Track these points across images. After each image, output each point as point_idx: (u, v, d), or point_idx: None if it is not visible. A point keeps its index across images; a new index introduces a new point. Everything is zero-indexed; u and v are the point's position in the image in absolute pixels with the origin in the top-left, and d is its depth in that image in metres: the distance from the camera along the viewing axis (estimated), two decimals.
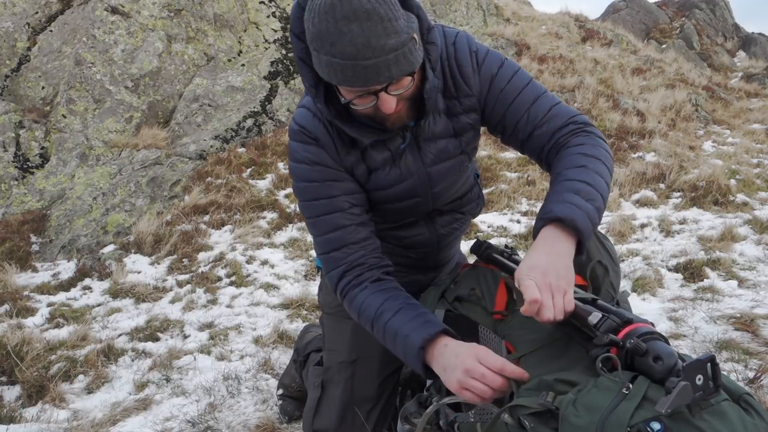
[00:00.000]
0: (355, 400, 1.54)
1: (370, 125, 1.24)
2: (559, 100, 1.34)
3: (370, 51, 1.02)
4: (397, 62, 1.06)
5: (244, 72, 7.07)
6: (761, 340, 2.41)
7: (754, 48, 16.17)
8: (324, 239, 1.31)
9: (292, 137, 1.34)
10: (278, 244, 4.43)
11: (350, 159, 1.32)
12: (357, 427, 1.53)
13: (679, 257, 3.61)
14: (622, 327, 0.93)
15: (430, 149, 1.34)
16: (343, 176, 1.32)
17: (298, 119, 1.34)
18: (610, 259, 1.45)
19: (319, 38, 1.06)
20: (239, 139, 6.19)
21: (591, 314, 0.98)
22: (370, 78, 1.06)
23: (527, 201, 5.32)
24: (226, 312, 3.31)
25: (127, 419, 2.17)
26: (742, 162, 5.92)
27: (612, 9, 16.85)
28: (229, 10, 7.57)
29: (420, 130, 1.29)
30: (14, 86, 6.30)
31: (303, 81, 1.21)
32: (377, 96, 1.12)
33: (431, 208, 1.47)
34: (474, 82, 1.30)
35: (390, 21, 1.03)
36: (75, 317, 3.29)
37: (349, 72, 1.05)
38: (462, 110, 1.33)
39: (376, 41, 1.02)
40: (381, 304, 1.22)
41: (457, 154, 1.39)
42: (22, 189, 5.27)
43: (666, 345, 0.88)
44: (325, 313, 1.73)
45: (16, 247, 4.45)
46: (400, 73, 1.08)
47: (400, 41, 1.04)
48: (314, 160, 1.30)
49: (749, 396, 0.89)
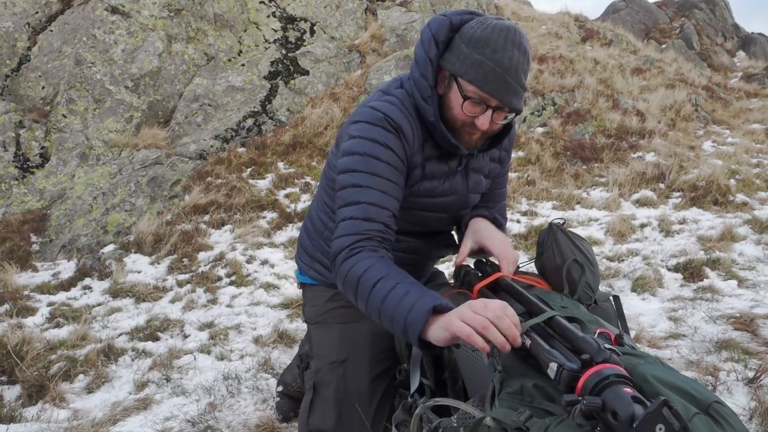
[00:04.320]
0: (349, 396, 1.55)
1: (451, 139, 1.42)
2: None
3: (515, 76, 1.29)
4: (519, 99, 1.33)
5: (244, 72, 7.07)
6: (761, 339, 2.42)
7: (753, 48, 16.18)
8: (361, 207, 1.35)
9: (371, 121, 1.41)
10: (278, 243, 4.44)
11: (416, 159, 1.45)
12: (354, 424, 1.53)
13: (679, 257, 3.61)
14: (582, 373, 0.88)
15: (472, 178, 1.57)
16: (403, 170, 1.42)
17: (382, 108, 1.42)
18: (585, 258, 1.46)
19: (483, 42, 1.29)
20: (239, 139, 6.20)
21: (549, 365, 0.94)
22: (502, 92, 1.29)
23: (527, 201, 5.32)
24: (226, 312, 3.31)
25: (127, 419, 2.17)
26: (741, 162, 5.93)
27: (612, 9, 16.85)
28: (229, 10, 7.57)
29: (472, 160, 1.54)
30: (14, 86, 6.30)
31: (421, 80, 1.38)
32: (485, 110, 1.33)
33: (444, 228, 1.64)
34: (507, 146, 1.64)
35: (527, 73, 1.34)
36: (75, 317, 3.29)
37: (492, 76, 1.28)
38: (497, 158, 1.62)
39: (521, 74, 1.31)
40: (391, 271, 1.26)
41: (483, 190, 1.63)
42: (23, 189, 5.27)
43: (621, 393, 0.81)
44: (311, 325, 1.75)
45: (16, 246, 4.46)
46: (515, 107, 1.33)
47: (524, 87, 1.33)
48: (388, 144, 1.39)
49: (718, 404, 0.87)
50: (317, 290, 1.75)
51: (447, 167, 1.49)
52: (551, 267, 1.48)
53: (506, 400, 0.99)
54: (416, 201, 1.49)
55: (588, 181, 5.75)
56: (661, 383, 0.91)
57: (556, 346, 0.99)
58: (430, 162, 1.47)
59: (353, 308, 1.63)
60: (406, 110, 1.42)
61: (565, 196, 5.33)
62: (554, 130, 6.83)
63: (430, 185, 1.48)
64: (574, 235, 1.52)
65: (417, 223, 1.56)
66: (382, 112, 1.40)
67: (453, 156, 1.49)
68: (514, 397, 0.99)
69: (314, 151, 6.03)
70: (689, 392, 0.89)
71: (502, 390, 1.03)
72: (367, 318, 1.59)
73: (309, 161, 5.86)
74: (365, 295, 1.26)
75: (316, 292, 1.75)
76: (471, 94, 1.31)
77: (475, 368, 1.31)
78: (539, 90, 7.70)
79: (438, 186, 1.50)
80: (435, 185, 1.49)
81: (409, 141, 1.41)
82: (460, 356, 1.38)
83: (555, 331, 1.03)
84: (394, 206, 1.39)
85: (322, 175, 1.69)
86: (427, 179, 1.47)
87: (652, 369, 0.96)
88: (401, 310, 1.17)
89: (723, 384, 2.02)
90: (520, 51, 1.29)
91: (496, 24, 1.30)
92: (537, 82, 7.96)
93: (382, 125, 1.39)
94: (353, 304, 1.59)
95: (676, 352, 2.37)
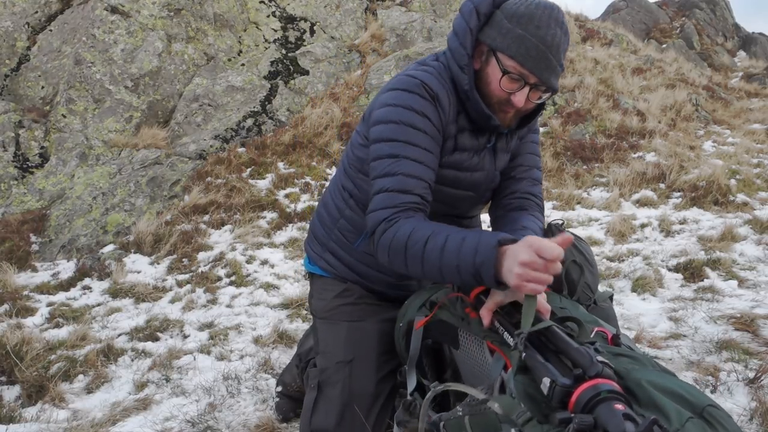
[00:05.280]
0: (353, 398, 1.54)
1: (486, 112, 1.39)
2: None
3: (556, 54, 1.30)
4: (557, 78, 1.33)
5: (244, 72, 7.07)
6: (761, 340, 2.41)
7: (754, 48, 16.17)
8: (397, 179, 1.33)
9: (407, 88, 1.39)
10: (278, 243, 4.43)
11: (450, 130, 1.43)
12: (356, 425, 1.53)
13: (679, 257, 3.61)
14: (574, 388, 0.88)
15: (500, 159, 1.55)
16: (439, 139, 1.41)
17: (420, 76, 1.41)
18: (584, 259, 1.46)
19: (527, 18, 1.28)
20: (239, 139, 6.19)
21: (542, 380, 0.94)
22: (542, 69, 1.29)
23: None
24: (225, 312, 3.31)
25: (127, 419, 2.17)
26: (742, 162, 5.92)
27: (612, 9, 16.84)
28: (229, 10, 7.57)
29: (501, 140, 1.52)
30: (14, 86, 6.30)
31: (459, 49, 1.37)
32: (523, 87, 1.32)
33: (466, 210, 1.60)
34: (533, 135, 1.61)
35: (566, 53, 1.34)
36: (75, 317, 3.29)
37: (534, 52, 1.27)
38: (516, 146, 1.59)
39: (561, 53, 1.31)
40: (436, 227, 1.26)
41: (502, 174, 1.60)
42: (22, 189, 5.27)
43: (613, 410, 0.81)
44: (318, 318, 1.72)
45: (15, 246, 4.45)
46: (552, 86, 1.33)
47: (563, 68, 1.33)
48: (424, 112, 1.37)
49: (712, 407, 0.87)
50: (326, 282, 1.71)
51: (477, 142, 1.47)
52: None
53: (522, 383, 0.98)
54: (444, 174, 1.46)
55: (588, 181, 5.75)
56: (655, 388, 0.91)
57: (551, 358, 0.99)
58: (462, 134, 1.45)
59: (362, 306, 1.64)
60: (443, 80, 1.41)
61: (566, 196, 5.32)
62: (554, 130, 6.82)
63: (460, 157, 1.46)
64: (573, 235, 1.52)
65: (442, 201, 1.49)
66: (420, 79, 1.39)
67: (483, 131, 1.47)
68: (531, 382, 0.98)
69: (314, 151, 6.02)
70: (683, 396, 0.89)
71: (518, 374, 1.01)
72: (375, 317, 1.60)
73: (309, 161, 5.86)
74: (419, 256, 1.24)
75: (326, 284, 1.71)
76: (510, 69, 1.30)
77: (475, 367, 1.30)
78: None
79: (467, 159, 1.47)
80: (464, 158, 1.47)
81: (445, 110, 1.40)
82: (461, 356, 1.37)
83: (551, 341, 1.02)
84: (431, 177, 1.37)
85: (343, 156, 1.67)
86: (459, 151, 1.46)
87: (647, 374, 0.95)
88: (465, 256, 1.16)
89: (723, 384, 2.01)
90: (563, 30, 1.30)
91: (540, 1, 1.31)
92: None
93: (419, 92, 1.38)
94: (361, 302, 1.61)
95: (676, 353, 2.37)
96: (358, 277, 1.66)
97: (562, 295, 1.40)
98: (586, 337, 1.10)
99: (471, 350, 1.31)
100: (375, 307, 1.65)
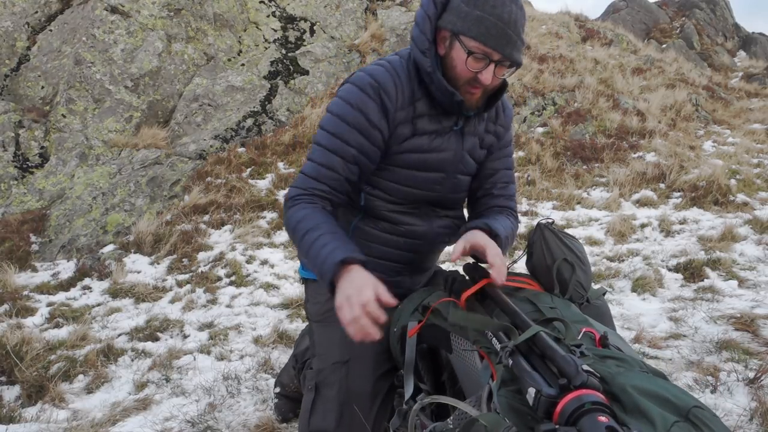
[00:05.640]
0: (351, 397, 1.54)
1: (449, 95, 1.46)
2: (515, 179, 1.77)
3: (514, 28, 1.35)
4: (519, 52, 1.38)
5: (244, 72, 7.07)
6: (761, 340, 2.41)
7: (754, 48, 16.17)
8: (314, 166, 1.48)
9: (355, 82, 1.49)
10: (278, 243, 4.43)
11: (401, 114, 1.49)
12: (355, 425, 1.53)
13: (680, 257, 3.61)
14: (559, 399, 0.88)
15: (468, 141, 1.59)
16: (371, 135, 1.47)
17: (369, 70, 1.51)
18: (576, 257, 1.45)
19: (484, 4, 1.34)
20: (239, 139, 6.19)
21: (528, 389, 0.94)
22: (503, 45, 1.35)
23: (527, 201, 5.32)
24: (225, 312, 3.31)
25: (127, 419, 2.17)
26: (742, 162, 5.92)
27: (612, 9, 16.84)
28: (228, 10, 7.57)
29: (468, 123, 1.57)
30: (14, 86, 6.30)
31: (420, 36, 1.44)
32: (488, 65, 1.38)
33: (444, 196, 1.63)
34: (504, 122, 1.68)
35: (524, 27, 1.39)
36: (75, 317, 3.29)
37: (494, 31, 1.34)
38: (492, 131, 1.66)
39: (520, 26, 1.36)
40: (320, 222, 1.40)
41: (478, 159, 1.65)
42: (22, 189, 5.27)
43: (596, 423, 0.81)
44: (313, 322, 1.74)
45: (15, 246, 4.45)
46: (516, 60, 1.38)
47: (523, 41, 1.38)
48: (359, 106, 1.45)
49: (698, 408, 0.86)
50: (320, 286, 1.72)
51: (440, 125, 1.53)
52: (541, 267, 1.48)
53: (505, 397, 0.99)
54: (407, 157, 1.53)
55: (588, 181, 5.75)
56: (640, 393, 0.91)
57: (538, 364, 0.99)
58: (421, 119, 1.51)
59: None
60: (395, 71, 1.49)
61: (566, 196, 5.32)
62: (554, 130, 6.82)
63: (419, 141, 1.52)
64: (563, 233, 1.52)
65: (415, 185, 1.57)
66: (368, 73, 1.48)
67: (449, 115, 1.53)
68: (515, 395, 0.99)
69: None
70: (668, 399, 0.89)
71: (501, 387, 1.02)
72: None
73: None
74: (297, 242, 1.41)
75: (319, 288, 1.73)
76: (474, 49, 1.36)
77: (468, 371, 1.30)
78: (539, 90, 7.70)
79: (428, 142, 1.53)
80: (424, 141, 1.52)
81: (393, 100, 1.46)
82: (455, 359, 1.37)
83: (538, 348, 1.02)
84: (348, 171, 1.47)
85: None
86: (417, 135, 1.52)
87: (632, 377, 0.95)
88: (318, 262, 1.32)
89: (723, 384, 2.01)
90: (517, 6, 1.37)
91: None
92: (537, 82, 7.95)
93: (362, 87, 1.46)
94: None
95: (676, 353, 2.37)
96: None
97: (553, 294, 1.40)
98: (572, 339, 1.10)
99: (464, 354, 1.31)
100: None
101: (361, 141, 1.45)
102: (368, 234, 1.61)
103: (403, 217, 1.60)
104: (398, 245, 1.63)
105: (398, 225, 1.60)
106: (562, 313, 1.24)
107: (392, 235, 1.61)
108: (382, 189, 1.57)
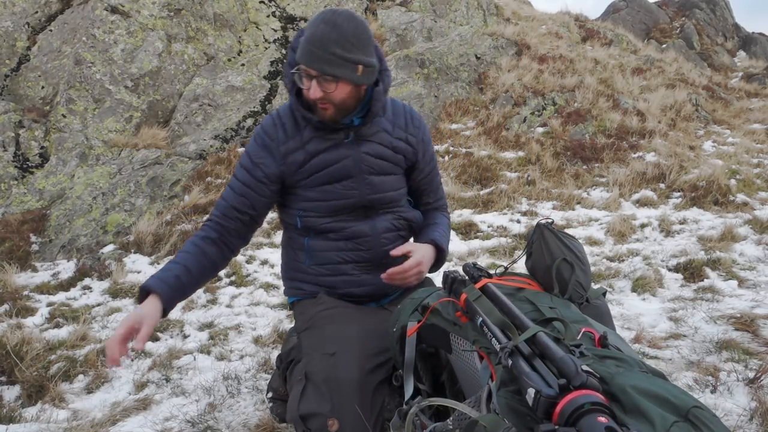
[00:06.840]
0: (339, 385, 1.54)
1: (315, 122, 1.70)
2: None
3: (319, 44, 1.51)
4: (330, 64, 1.52)
5: (244, 72, 7.07)
6: (761, 340, 2.41)
7: (754, 48, 16.17)
8: (222, 197, 1.80)
9: (254, 136, 1.80)
10: (278, 243, 4.43)
11: (291, 144, 1.73)
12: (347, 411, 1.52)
13: (679, 257, 3.61)
14: (559, 399, 0.88)
15: (365, 146, 1.75)
16: (253, 170, 1.74)
17: (262, 122, 1.79)
18: (575, 257, 1.46)
19: (306, 31, 1.56)
20: (239, 139, 6.19)
21: (527, 390, 0.94)
22: (311, 60, 1.53)
23: (527, 201, 5.32)
24: (225, 312, 3.31)
25: (127, 419, 2.17)
26: (742, 162, 5.92)
27: (612, 9, 16.84)
28: (228, 10, 7.57)
29: (360, 131, 1.73)
30: (14, 86, 6.30)
31: (285, 80, 1.69)
32: (311, 80, 1.55)
33: (367, 198, 1.76)
34: (416, 131, 1.87)
35: (347, 42, 1.51)
36: (75, 317, 3.28)
37: (306, 50, 1.53)
38: (403, 138, 1.83)
39: (326, 42, 1.51)
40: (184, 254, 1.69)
41: (391, 159, 1.80)
42: (22, 189, 5.27)
43: (595, 423, 0.81)
44: (300, 333, 1.81)
45: (15, 246, 4.45)
46: (325, 71, 1.53)
47: (342, 56, 1.52)
48: (250, 153, 1.77)
49: (697, 408, 0.86)
50: (303, 304, 1.86)
51: (331, 141, 1.72)
52: (541, 267, 1.48)
53: (505, 397, 0.99)
54: (315, 178, 1.73)
55: (588, 181, 5.75)
56: (639, 393, 0.91)
57: (537, 363, 0.99)
58: (310, 142, 1.72)
59: (338, 309, 1.77)
60: (277, 114, 1.77)
61: (566, 196, 5.32)
62: (554, 130, 6.82)
63: (319, 160, 1.72)
64: (562, 233, 1.52)
65: (336, 197, 1.75)
66: (261, 125, 1.78)
67: (335, 131, 1.72)
68: (514, 396, 0.99)
69: None
70: (668, 399, 0.89)
71: (501, 387, 1.02)
72: (353, 318, 1.74)
73: None
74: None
75: (303, 306, 1.85)
76: (300, 71, 1.57)
77: (468, 372, 1.30)
78: (539, 90, 7.70)
79: (326, 158, 1.72)
80: (322, 158, 1.72)
81: (272, 136, 1.74)
82: (454, 359, 1.37)
83: (538, 348, 1.02)
84: (238, 202, 1.75)
85: None
86: (315, 156, 1.72)
87: (631, 377, 0.95)
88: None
89: (723, 384, 2.01)
90: (329, 25, 1.51)
91: (323, 11, 1.57)
92: (537, 82, 7.95)
93: (254, 138, 1.78)
94: (337, 306, 1.81)
95: (676, 353, 2.37)
96: (324, 288, 1.83)
97: (553, 294, 1.40)
98: (572, 339, 1.10)
99: (463, 355, 1.31)
100: (351, 310, 1.77)
101: (249, 177, 1.74)
102: (321, 246, 1.77)
103: (344, 224, 1.77)
104: (351, 247, 1.78)
105: (342, 230, 1.77)
106: (561, 313, 1.24)
107: (341, 240, 1.77)
108: (312, 209, 1.76)
